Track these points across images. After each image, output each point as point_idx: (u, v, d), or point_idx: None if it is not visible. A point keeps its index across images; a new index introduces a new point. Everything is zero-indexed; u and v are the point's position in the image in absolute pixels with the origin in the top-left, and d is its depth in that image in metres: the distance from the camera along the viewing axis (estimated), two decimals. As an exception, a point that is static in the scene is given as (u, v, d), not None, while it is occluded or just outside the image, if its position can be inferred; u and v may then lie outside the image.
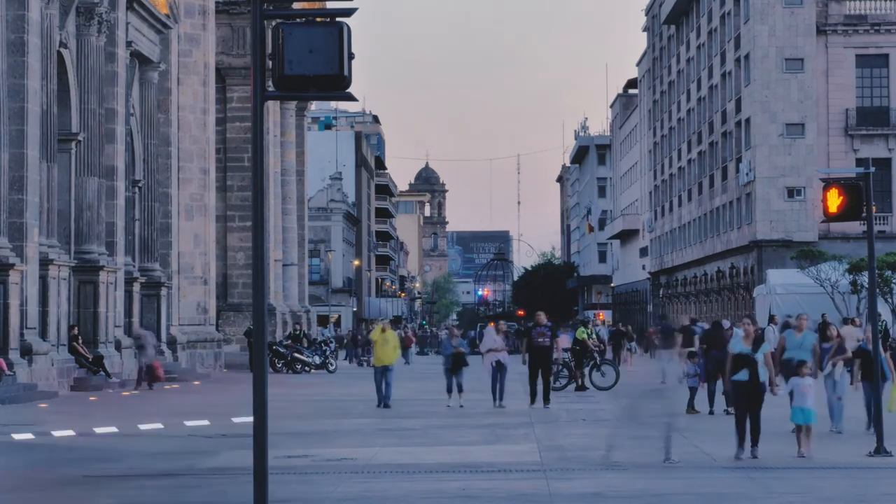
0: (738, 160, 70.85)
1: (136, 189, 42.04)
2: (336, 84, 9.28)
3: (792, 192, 65.97)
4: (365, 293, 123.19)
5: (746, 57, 69.04)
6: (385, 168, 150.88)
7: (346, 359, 62.19)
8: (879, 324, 37.00)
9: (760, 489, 14.60)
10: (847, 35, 66.58)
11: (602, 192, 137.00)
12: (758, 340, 17.31)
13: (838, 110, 66.10)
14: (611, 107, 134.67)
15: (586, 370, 34.41)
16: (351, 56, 9.21)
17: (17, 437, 20.70)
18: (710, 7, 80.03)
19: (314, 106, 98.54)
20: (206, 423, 23.53)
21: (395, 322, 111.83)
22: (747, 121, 68.82)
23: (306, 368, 47.47)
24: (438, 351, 76.24)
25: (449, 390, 28.52)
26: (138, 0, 40.09)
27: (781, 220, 66.00)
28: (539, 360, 28.24)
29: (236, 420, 22.94)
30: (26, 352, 30.95)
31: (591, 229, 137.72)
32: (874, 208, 18.44)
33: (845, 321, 33.46)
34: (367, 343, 51.76)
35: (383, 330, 29.31)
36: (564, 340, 40.14)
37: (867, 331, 19.89)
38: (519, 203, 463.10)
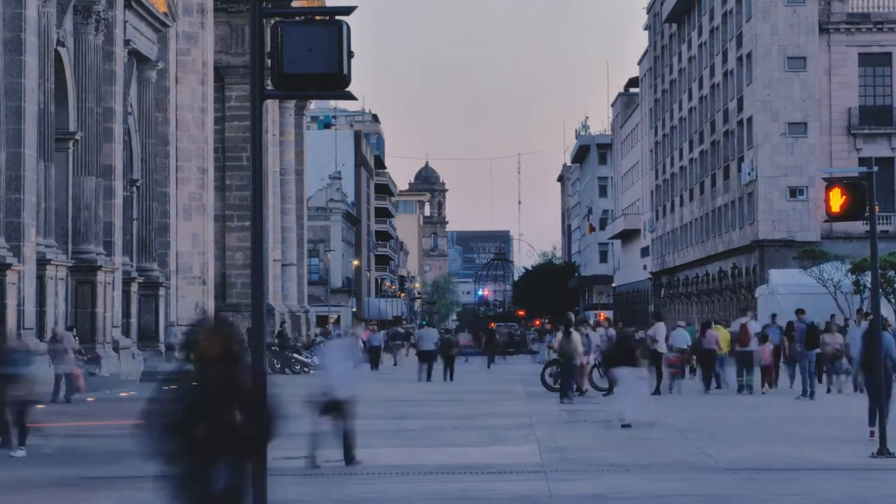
0: (740, 159, 70.72)
1: (134, 188, 41.92)
2: (335, 83, 9.20)
3: (794, 192, 65.84)
4: (364, 293, 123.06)
5: (748, 55, 68.91)
6: (385, 167, 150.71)
7: None
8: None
9: (762, 490, 14.50)
10: (850, 33, 66.42)
11: (603, 191, 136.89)
12: None
13: (841, 109, 65.95)
14: (612, 106, 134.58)
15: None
16: (350, 55, 9.13)
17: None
18: (712, 5, 79.89)
19: (313, 105, 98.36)
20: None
21: (397, 322, 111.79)
22: (749, 120, 68.69)
23: (305, 369, 47.37)
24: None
25: None
26: (137, -2, 40.03)
27: (783, 220, 65.87)
28: None
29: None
30: (24, 352, 30.78)
31: (592, 229, 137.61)
32: (877, 208, 18.28)
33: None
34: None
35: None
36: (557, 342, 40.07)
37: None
38: (519, 203, 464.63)
